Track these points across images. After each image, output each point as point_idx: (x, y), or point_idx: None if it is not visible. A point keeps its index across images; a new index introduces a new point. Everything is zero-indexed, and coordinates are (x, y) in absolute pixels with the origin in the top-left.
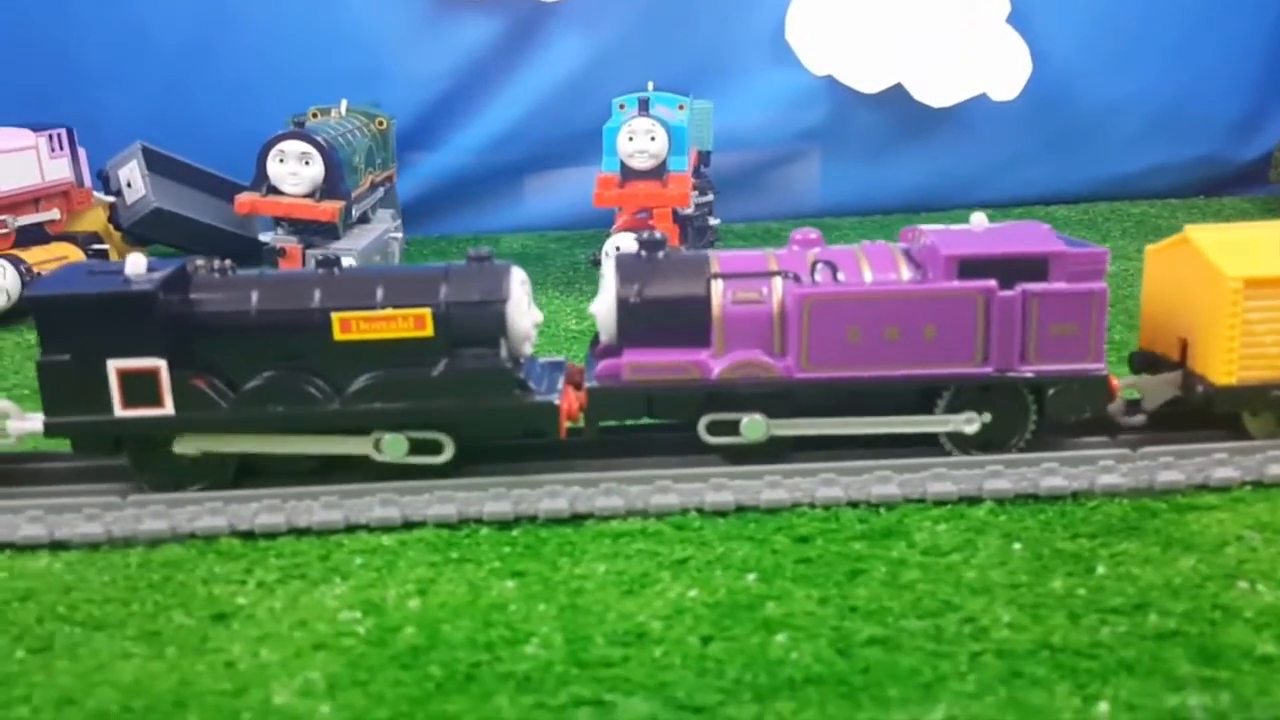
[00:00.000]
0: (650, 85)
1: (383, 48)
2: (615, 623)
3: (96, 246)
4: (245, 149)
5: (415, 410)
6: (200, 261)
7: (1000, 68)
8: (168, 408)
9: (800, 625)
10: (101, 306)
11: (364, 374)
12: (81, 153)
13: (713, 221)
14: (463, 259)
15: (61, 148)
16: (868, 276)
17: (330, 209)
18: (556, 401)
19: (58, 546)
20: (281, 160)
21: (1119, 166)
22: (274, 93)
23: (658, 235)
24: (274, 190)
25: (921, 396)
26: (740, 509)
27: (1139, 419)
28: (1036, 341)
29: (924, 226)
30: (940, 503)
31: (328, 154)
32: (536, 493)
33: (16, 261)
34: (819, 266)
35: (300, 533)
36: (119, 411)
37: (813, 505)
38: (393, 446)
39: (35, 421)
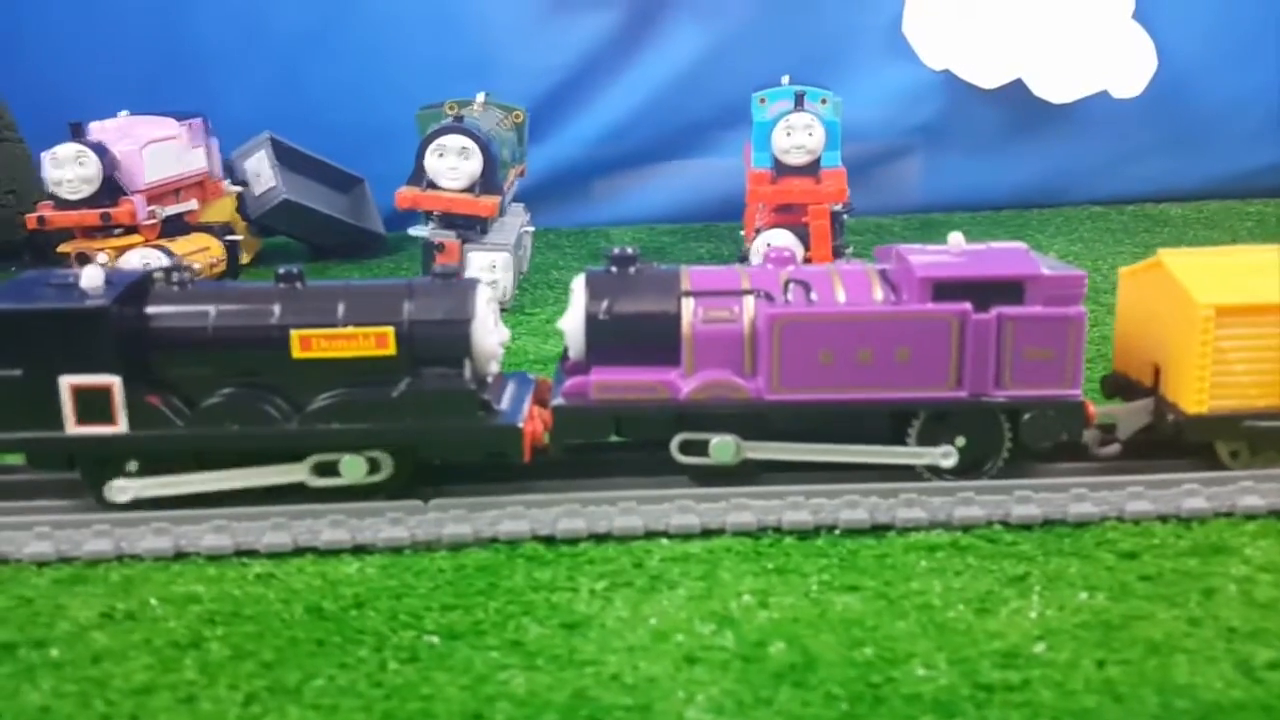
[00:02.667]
0: (785, 79)
1: (497, 39)
2: (987, 643)
3: (230, 237)
4: (355, 139)
5: (375, 431)
6: (160, 274)
7: (1124, 64)
8: (121, 426)
9: (1188, 648)
10: (54, 321)
11: (324, 393)
12: (213, 143)
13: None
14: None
15: (199, 138)
16: (841, 297)
17: (490, 204)
18: (520, 424)
19: (360, 551)
20: (440, 155)
21: (1237, 164)
22: (385, 84)
23: (629, 250)
24: (432, 185)
25: (895, 420)
26: (1047, 523)
27: (1114, 448)
28: (1011, 366)
29: (901, 246)
30: (1250, 517)
31: (486, 148)
32: (835, 502)
33: (168, 252)
34: (791, 286)
35: (600, 538)
36: (71, 429)
37: (1120, 519)
38: (351, 467)
39: None
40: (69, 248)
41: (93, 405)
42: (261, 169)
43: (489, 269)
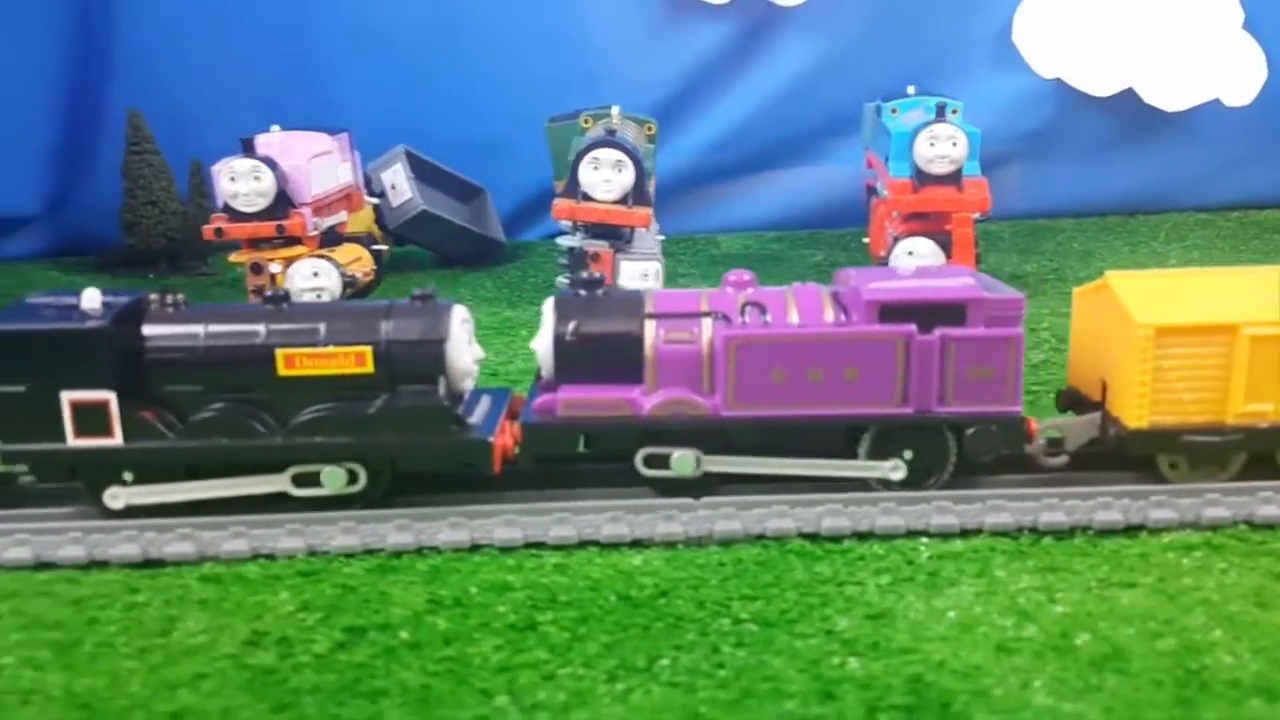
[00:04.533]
0: (911, 90)
1: (608, 52)
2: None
3: (376, 248)
4: (467, 150)
5: (355, 444)
6: (154, 295)
7: (1235, 73)
8: (117, 438)
9: None
10: (56, 340)
11: (307, 408)
12: (356, 156)
13: None
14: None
15: (346, 152)
16: (794, 318)
17: (644, 214)
18: (491, 439)
19: (637, 544)
20: (595, 168)
21: None
22: (497, 96)
23: (596, 275)
24: (586, 197)
25: (846, 435)
26: None
27: (1062, 459)
28: (955, 384)
29: (851, 270)
30: None
31: (638, 161)
32: (1089, 504)
33: (334, 262)
34: (748, 308)
35: (862, 536)
36: (71, 441)
37: None
38: (331, 479)
39: None
40: (242, 258)
41: (91, 419)
42: (398, 181)
43: (640, 277)
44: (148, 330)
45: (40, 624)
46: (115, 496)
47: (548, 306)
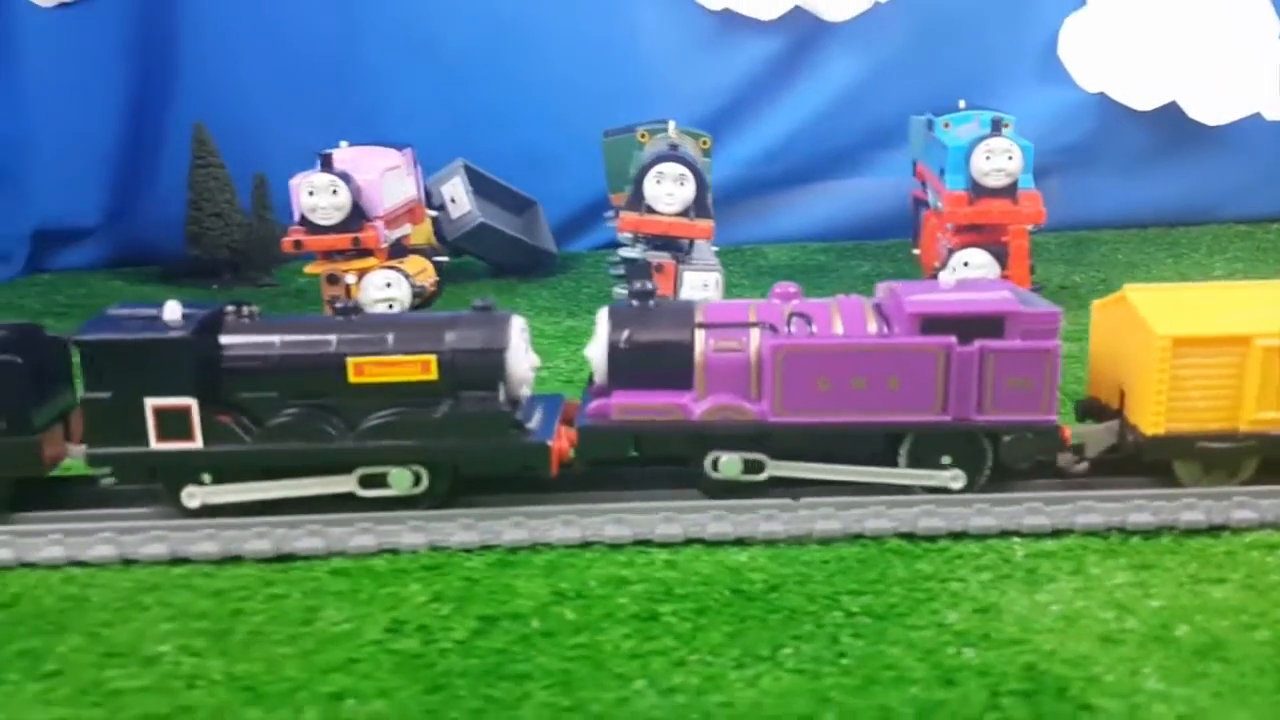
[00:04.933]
0: (961, 104)
1: (655, 66)
2: None
3: (437, 259)
4: (517, 161)
5: (420, 447)
6: (231, 308)
7: (1276, 87)
8: (197, 441)
9: None
10: (141, 350)
11: (375, 413)
12: (419, 171)
13: None
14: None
15: (410, 166)
16: (839, 329)
17: (706, 226)
18: (549, 442)
19: (740, 542)
20: (659, 181)
21: None
22: (545, 108)
23: (649, 285)
24: (650, 209)
25: (887, 440)
26: None
27: (1082, 466)
28: (993, 393)
29: (896, 283)
30: None
31: (700, 175)
32: (1174, 504)
33: (404, 273)
34: (794, 319)
35: (956, 535)
36: (154, 444)
37: None
38: (398, 480)
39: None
40: (318, 269)
41: (173, 424)
42: (457, 194)
43: (701, 287)
44: (225, 340)
45: (187, 614)
46: (192, 495)
47: (602, 315)
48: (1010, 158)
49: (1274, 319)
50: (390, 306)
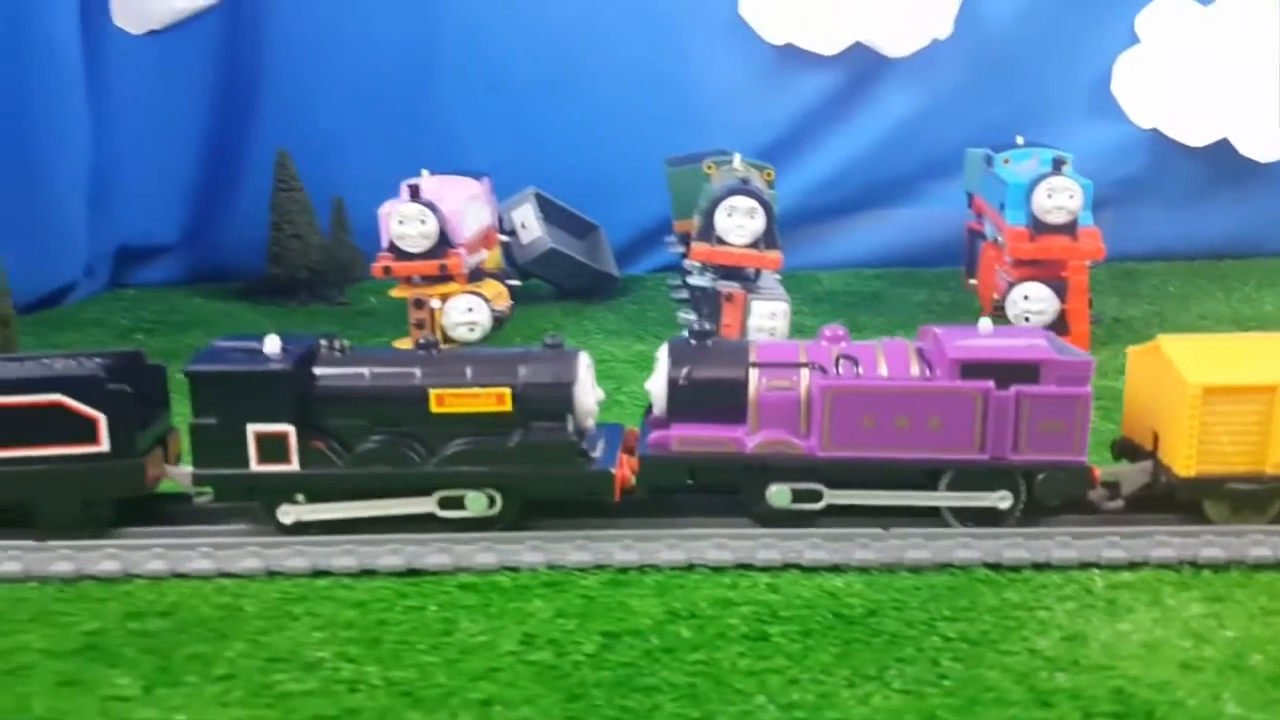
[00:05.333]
0: (1020, 140)
1: (719, 96)
2: None
3: (511, 283)
4: (579, 186)
5: (495, 473)
6: (324, 342)
7: None
8: (294, 464)
9: None
10: (245, 380)
11: (454, 441)
12: (494, 199)
13: None
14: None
15: (488, 195)
16: (883, 371)
17: (775, 258)
18: (612, 470)
19: (835, 569)
20: (730, 214)
21: None
22: (605, 136)
23: (706, 327)
24: (721, 240)
25: (926, 477)
26: None
27: (1118, 504)
28: (1027, 435)
29: (937, 329)
30: None
31: (769, 208)
32: (1242, 540)
33: (484, 298)
34: (841, 361)
35: (1039, 566)
36: (254, 466)
37: None
38: (474, 503)
39: None
40: (404, 293)
41: (272, 448)
42: (528, 220)
43: (769, 317)
44: (319, 371)
45: (335, 623)
46: (286, 514)
47: (663, 352)
48: (1071, 196)
49: None
50: (471, 329)
